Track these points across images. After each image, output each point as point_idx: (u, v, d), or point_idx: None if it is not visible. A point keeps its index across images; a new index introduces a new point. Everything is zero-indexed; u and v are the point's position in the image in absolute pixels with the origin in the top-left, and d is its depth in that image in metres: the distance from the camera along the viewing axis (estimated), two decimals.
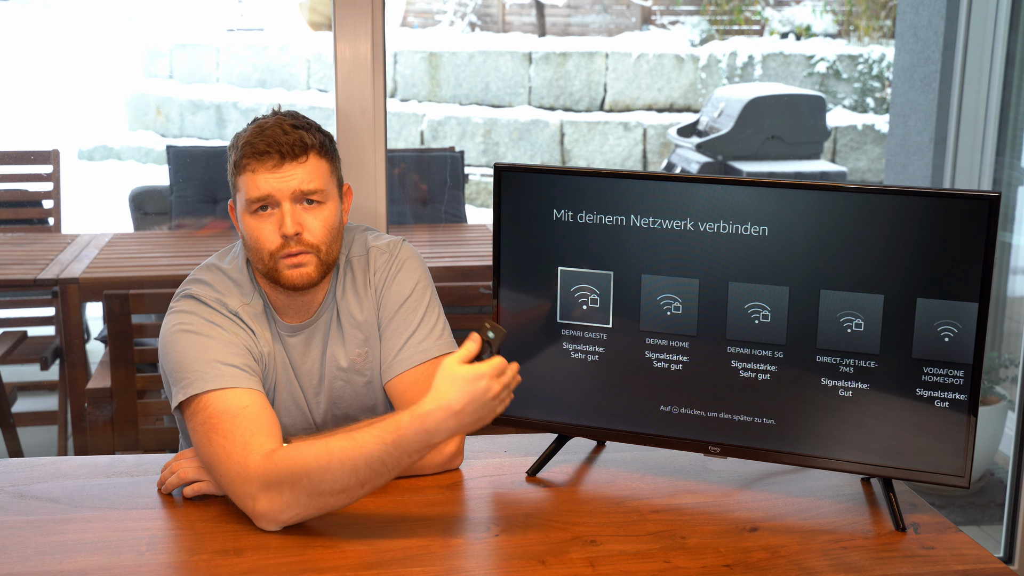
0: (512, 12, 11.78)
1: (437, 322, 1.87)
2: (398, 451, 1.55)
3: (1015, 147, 3.87)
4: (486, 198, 8.88)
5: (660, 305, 1.74)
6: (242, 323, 1.77)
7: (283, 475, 1.56)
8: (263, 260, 1.75)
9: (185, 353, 1.71)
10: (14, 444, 3.48)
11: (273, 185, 1.71)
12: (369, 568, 1.52)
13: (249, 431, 1.62)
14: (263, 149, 1.71)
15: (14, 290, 3.85)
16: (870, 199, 1.62)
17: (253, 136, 1.73)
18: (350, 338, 1.85)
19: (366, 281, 1.87)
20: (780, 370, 1.71)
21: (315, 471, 1.55)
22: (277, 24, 11.91)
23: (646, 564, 1.55)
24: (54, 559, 1.53)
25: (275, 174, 1.71)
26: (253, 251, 1.76)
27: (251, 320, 1.79)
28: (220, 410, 1.64)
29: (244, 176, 1.72)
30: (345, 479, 1.56)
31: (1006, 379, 3.65)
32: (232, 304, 1.77)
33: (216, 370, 1.68)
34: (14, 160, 4.38)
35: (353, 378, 1.86)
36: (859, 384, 1.67)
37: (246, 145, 1.72)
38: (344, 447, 1.56)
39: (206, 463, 1.65)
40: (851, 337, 1.66)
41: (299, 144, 1.72)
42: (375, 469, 1.56)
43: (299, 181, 1.71)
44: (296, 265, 1.74)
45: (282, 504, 1.57)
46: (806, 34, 10.42)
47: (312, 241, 1.74)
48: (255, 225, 1.74)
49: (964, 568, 1.56)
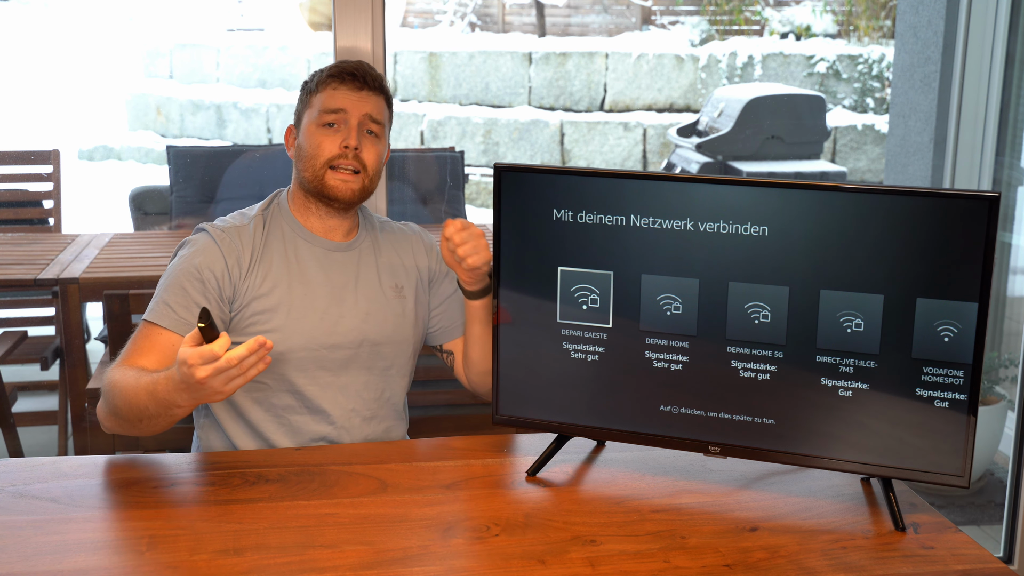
0: (512, 12, 11.79)
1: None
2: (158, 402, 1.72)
3: (1015, 147, 3.87)
4: (486, 198, 8.89)
5: (660, 305, 1.74)
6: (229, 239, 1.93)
7: (109, 390, 1.80)
8: (315, 168, 1.93)
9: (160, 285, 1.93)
10: (14, 444, 3.48)
11: (352, 102, 1.93)
12: (369, 568, 1.52)
13: (141, 350, 1.84)
14: (351, 71, 1.95)
15: (14, 290, 3.85)
16: (870, 199, 1.62)
17: (342, 63, 1.97)
18: (385, 273, 2.02)
19: (407, 238, 2.08)
20: (780, 370, 1.71)
21: (112, 392, 1.78)
22: (277, 24, 11.91)
23: (646, 564, 1.55)
24: (54, 559, 1.53)
25: (355, 95, 1.94)
26: (309, 159, 1.94)
27: (240, 236, 1.94)
28: (146, 332, 1.87)
29: (324, 92, 1.94)
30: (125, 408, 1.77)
31: (1006, 379, 3.65)
32: (222, 226, 1.96)
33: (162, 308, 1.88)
34: (14, 160, 4.37)
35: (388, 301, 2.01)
36: (859, 384, 1.67)
37: (334, 67, 1.96)
38: (139, 380, 1.74)
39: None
40: (851, 337, 1.66)
41: (379, 81, 1.98)
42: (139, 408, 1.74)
43: (372, 107, 1.95)
44: (344, 180, 1.93)
45: (103, 413, 1.84)
46: (806, 34, 10.43)
47: (366, 160, 1.94)
48: (319, 135, 1.93)
49: (964, 568, 1.57)
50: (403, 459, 1.88)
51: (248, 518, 1.62)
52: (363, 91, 1.94)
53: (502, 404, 1.86)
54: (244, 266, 1.92)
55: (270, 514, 1.65)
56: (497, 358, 1.84)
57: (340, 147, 1.91)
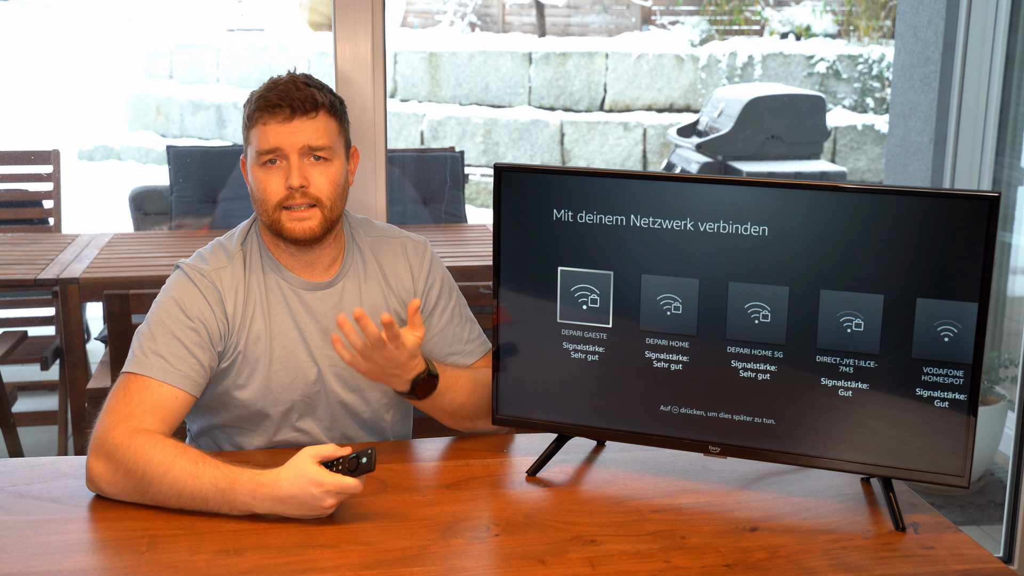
0: (512, 12, 11.78)
1: (475, 324, 2.02)
2: (222, 500, 1.61)
3: (1015, 147, 3.87)
4: (486, 198, 8.88)
5: (660, 305, 1.74)
6: (213, 286, 1.81)
7: (127, 458, 1.64)
8: (268, 212, 1.80)
9: (145, 331, 1.79)
10: (14, 444, 3.48)
11: (283, 139, 1.76)
12: (369, 568, 1.52)
13: (142, 407, 1.70)
14: (275, 102, 1.76)
15: (14, 290, 3.85)
16: (870, 199, 1.62)
17: (267, 90, 1.79)
18: (377, 304, 1.90)
19: (403, 261, 1.93)
20: (780, 370, 1.71)
21: (149, 474, 1.62)
22: (277, 24, 11.90)
23: (646, 564, 1.55)
24: (54, 559, 1.53)
25: (285, 127, 1.76)
26: (260, 203, 1.81)
27: (218, 280, 1.82)
28: (139, 385, 1.73)
29: (256, 129, 1.78)
30: (166, 496, 1.62)
31: (1006, 379, 3.64)
32: (205, 269, 1.82)
33: (156, 361, 1.75)
34: (14, 160, 4.37)
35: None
36: (859, 384, 1.67)
37: (259, 99, 1.78)
38: (185, 469, 1.61)
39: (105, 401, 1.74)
40: (851, 337, 1.66)
41: (310, 100, 1.77)
42: (196, 502, 1.62)
43: (308, 136, 1.77)
44: (300, 219, 1.79)
45: (111, 479, 1.65)
46: (806, 34, 10.42)
47: (317, 195, 1.79)
48: (263, 177, 1.79)
49: (964, 568, 1.56)
50: (403, 459, 1.88)
51: (248, 518, 1.62)
52: (294, 120, 1.75)
53: (502, 404, 1.86)
54: (230, 316, 1.82)
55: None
56: (497, 358, 1.84)
57: (285, 188, 1.77)
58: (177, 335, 1.77)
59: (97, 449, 1.67)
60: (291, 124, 1.76)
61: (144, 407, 1.71)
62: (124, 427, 1.67)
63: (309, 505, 1.58)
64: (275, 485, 1.59)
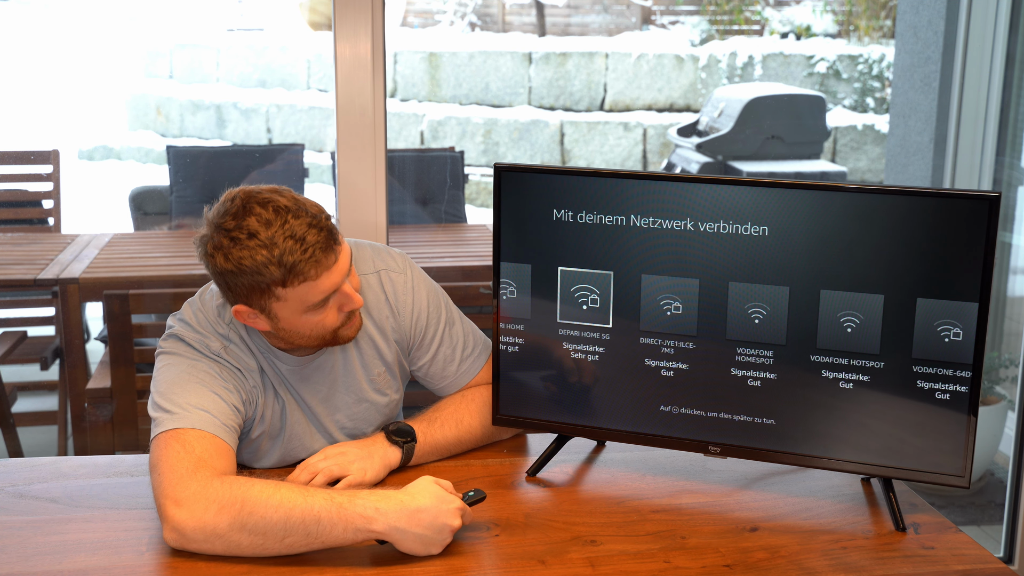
0: (512, 12, 11.78)
1: (468, 331, 1.93)
2: (338, 516, 1.52)
3: (1015, 147, 3.86)
4: (486, 198, 8.88)
5: (660, 305, 1.74)
6: (227, 363, 1.72)
7: (219, 493, 1.52)
8: (322, 340, 1.72)
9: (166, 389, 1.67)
10: (14, 444, 3.48)
11: (334, 279, 1.65)
12: (369, 568, 1.52)
13: (209, 453, 1.59)
14: (319, 257, 1.62)
15: (14, 290, 3.85)
16: (870, 199, 1.62)
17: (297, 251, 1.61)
18: (369, 359, 1.84)
19: (384, 302, 1.85)
20: (780, 370, 1.71)
21: (251, 500, 1.51)
22: (277, 24, 11.90)
23: (646, 564, 1.55)
24: (54, 559, 1.53)
25: (334, 268, 1.65)
26: (307, 337, 1.70)
27: (235, 359, 1.74)
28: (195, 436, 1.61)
29: (303, 287, 1.63)
30: (270, 521, 1.51)
31: (1006, 379, 3.64)
32: (214, 347, 1.72)
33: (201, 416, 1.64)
34: (14, 160, 4.38)
35: (374, 397, 1.86)
36: (859, 384, 1.67)
37: (300, 263, 1.61)
38: (292, 488, 1.54)
39: (153, 463, 1.59)
40: (851, 337, 1.66)
41: (328, 232, 1.65)
42: (306, 523, 1.51)
43: (345, 258, 1.68)
44: (355, 327, 1.74)
45: (199, 521, 1.51)
46: (806, 34, 10.42)
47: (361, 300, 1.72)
48: (314, 319, 1.68)
49: (964, 568, 1.56)
50: None
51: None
52: (335, 249, 1.65)
53: (502, 404, 1.86)
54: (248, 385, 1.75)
55: None
56: (497, 359, 1.84)
57: (343, 313, 1.70)
58: (216, 391, 1.68)
59: (175, 499, 1.53)
60: (334, 254, 1.65)
61: (211, 454, 1.59)
62: (202, 473, 1.55)
63: (438, 523, 1.53)
64: (404, 496, 1.53)
